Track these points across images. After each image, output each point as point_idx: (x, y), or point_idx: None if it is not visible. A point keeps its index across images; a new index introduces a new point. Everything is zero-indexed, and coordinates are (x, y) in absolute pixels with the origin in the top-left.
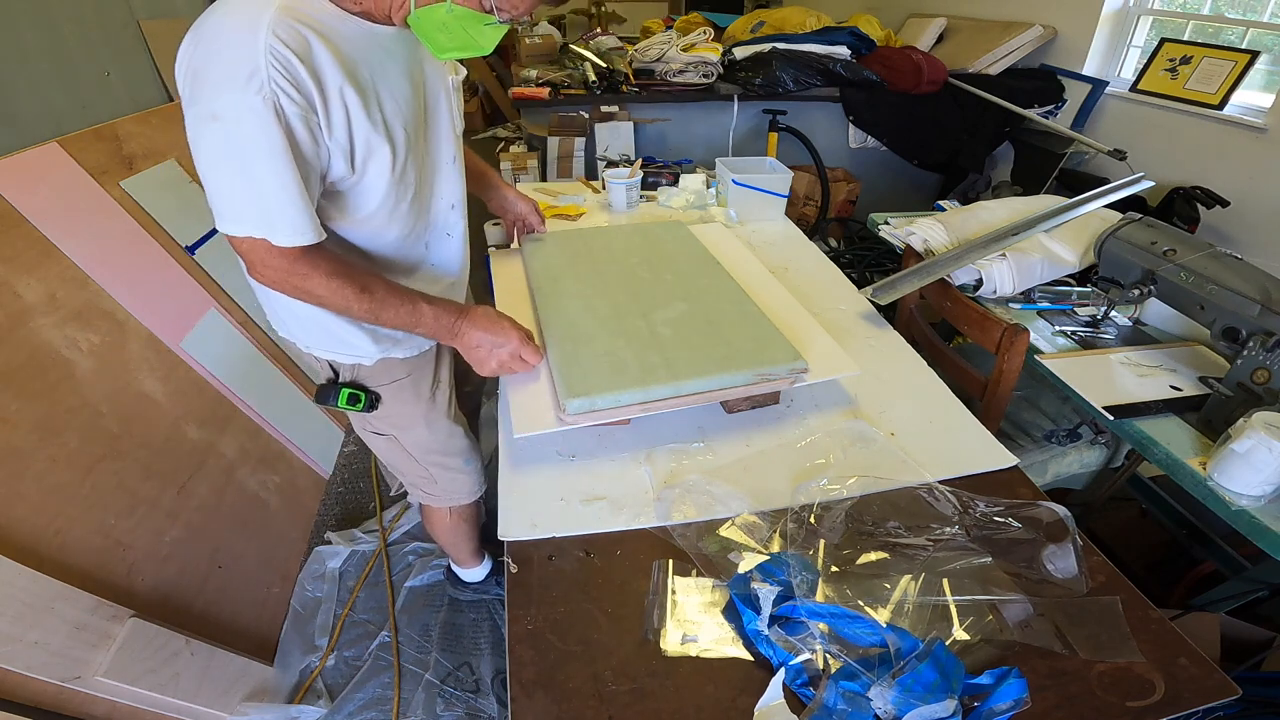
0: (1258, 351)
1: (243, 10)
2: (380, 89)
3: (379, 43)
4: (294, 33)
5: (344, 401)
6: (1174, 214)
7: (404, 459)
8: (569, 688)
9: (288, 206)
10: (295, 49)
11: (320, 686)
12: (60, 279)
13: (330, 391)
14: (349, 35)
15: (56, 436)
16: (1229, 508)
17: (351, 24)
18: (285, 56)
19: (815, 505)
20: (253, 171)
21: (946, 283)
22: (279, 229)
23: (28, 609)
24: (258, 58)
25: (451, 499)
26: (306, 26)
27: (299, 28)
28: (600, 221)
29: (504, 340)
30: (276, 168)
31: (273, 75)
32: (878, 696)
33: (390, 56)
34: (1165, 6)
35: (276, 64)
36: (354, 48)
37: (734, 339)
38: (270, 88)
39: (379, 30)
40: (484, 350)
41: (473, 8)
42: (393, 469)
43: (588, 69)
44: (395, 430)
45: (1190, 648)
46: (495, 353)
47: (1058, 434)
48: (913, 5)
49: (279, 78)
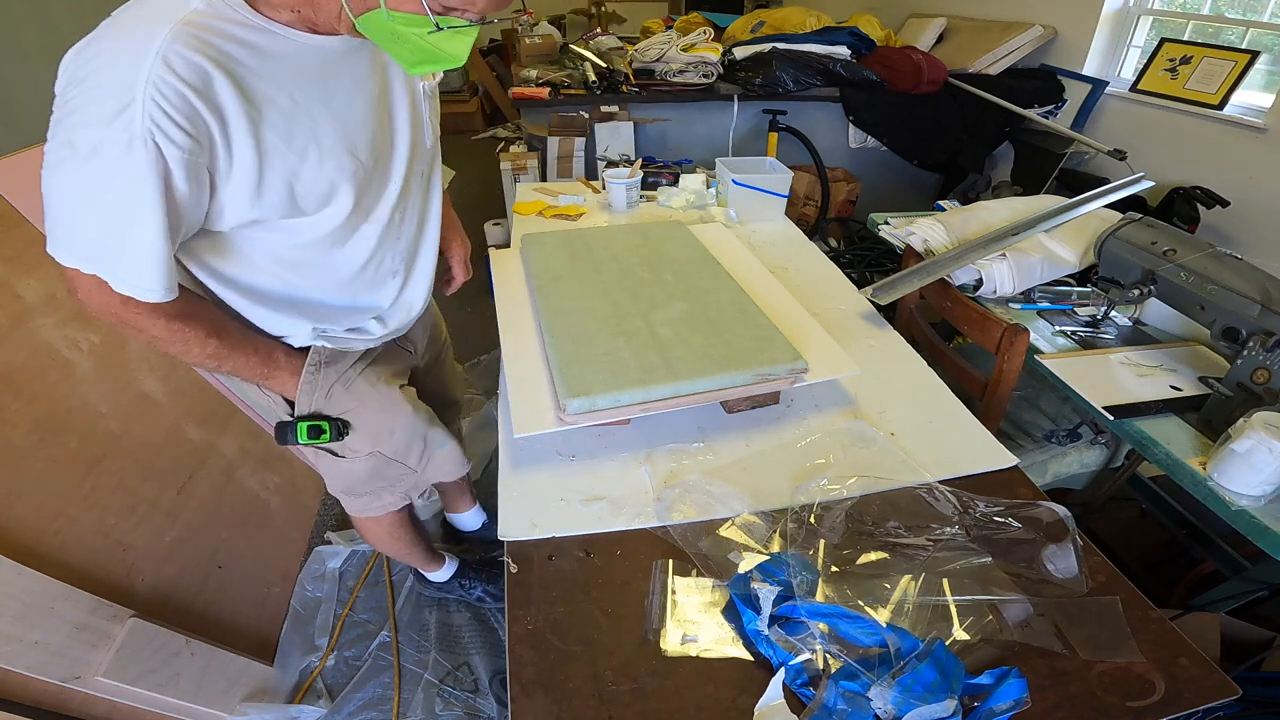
0: (1258, 351)
1: (134, 25)
2: (317, 113)
3: (321, 57)
4: (191, 60)
5: (304, 436)
6: (1174, 214)
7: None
8: (569, 688)
9: (140, 257)
10: (190, 79)
11: (320, 686)
12: (60, 279)
13: (289, 428)
14: (275, 53)
15: (56, 436)
16: (1229, 508)
17: (280, 39)
18: (174, 89)
19: (815, 505)
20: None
21: (946, 283)
22: (120, 277)
23: (28, 609)
24: (134, 89)
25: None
26: (214, 48)
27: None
28: (600, 221)
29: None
30: (135, 216)
31: (150, 111)
32: (878, 696)
33: (336, 73)
34: (1165, 6)
35: (160, 98)
36: (280, 67)
37: (734, 339)
38: (145, 124)
39: (323, 44)
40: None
41: (413, 11)
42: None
43: (588, 69)
44: (375, 446)
45: (1190, 648)
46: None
47: (1058, 434)
48: (913, 5)
49: (159, 114)
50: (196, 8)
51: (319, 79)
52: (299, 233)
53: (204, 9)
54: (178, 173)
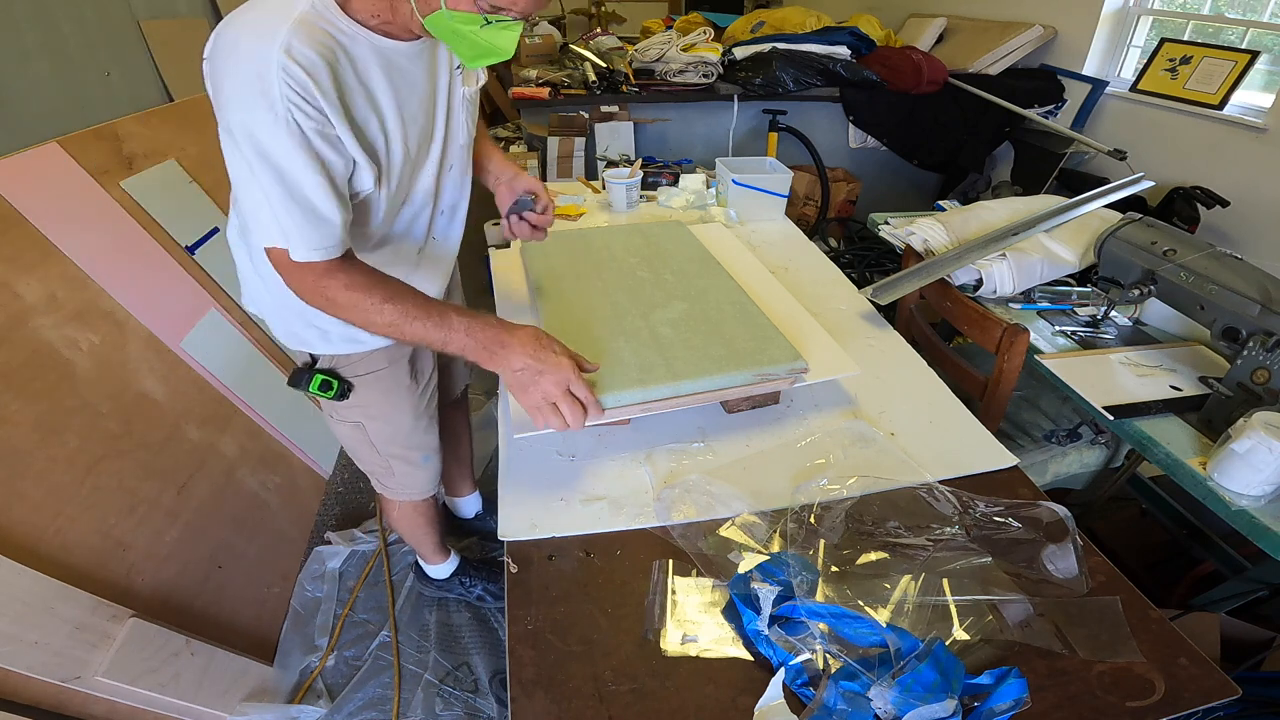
0: (1258, 351)
1: (259, 23)
2: (385, 107)
3: (391, 60)
4: (308, 51)
5: (316, 387)
6: (1174, 214)
7: (366, 448)
8: (569, 688)
9: (300, 221)
10: (307, 67)
11: (320, 686)
12: (60, 279)
13: (304, 376)
14: (362, 52)
15: (56, 436)
16: (1229, 508)
17: (365, 40)
18: (297, 75)
19: (815, 505)
20: (266, 187)
21: (946, 283)
22: (294, 243)
23: (28, 609)
24: (270, 75)
25: (405, 493)
26: (322, 44)
27: (315, 45)
28: (600, 221)
29: (551, 368)
30: (289, 183)
31: (285, 93)
32: (878, 696)
33: (403, 75)
34: (1165, 6)
35: (290, 82)
36: (366, 65)
37: (734, 339)
38: (284, 104)
39: (395, 46)
40: (526, 376)
41: (466, 9)
42: (353, 456)
43: (588, 69)
44: (363, 419)
45: (1190, 648)
46: (539, 381)
47: (1058, 434)
48: (913, 5)
49: (292, 94)
50: (304, 10)
51: (391, 79)
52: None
53: (309, 11)
54: (316, 140)
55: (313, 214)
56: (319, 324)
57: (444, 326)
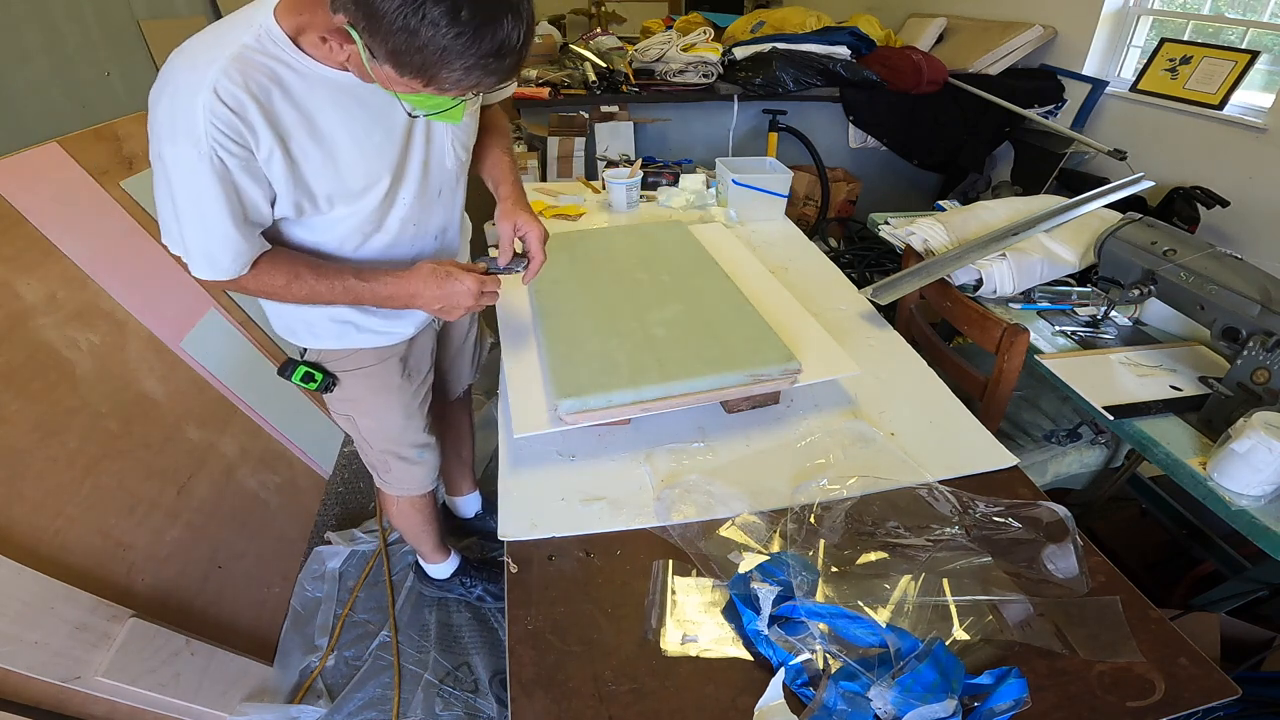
0: (1258, 351)
1: (196, 56)
2: (337, 139)
3: (349, 91)
4: (235, 90)
5: (299, 379)
6: (1174, 214)
7: (361, 443)
8: (569, 688)
9: (209, 246)
10: (234, 106)
11: (320, 686)
12: (60, 279)
13: (290, 367)
14: (309, 85)
15: (56, 436)
16: (1229, 508)
17: (316, 74)
18: (223, 115)
19: (815, 505)
20: (180, 210)
21: (946, 283)
22: (195, 262)
23: (28, 609)
24: (195, 114)
25: (403, 488)
26: (255, 80)
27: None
28: (600, 221)
29: (457, 286)
30: (201, 213)
31: (210, 131)
32: (877, 696)
33: (363, 106)
34: (1165, 6)
35: (215, 121)
36: (311, 97)
37: (728, 339)
38: (208, 142)
39: (354, 80)
40: (445, 303)
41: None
42: (358, 449)
43: (588, 69)
44: (354, 414)
45: (1190, 648)
46: (457, 301)
47: (1058, 434)
48: (913, 5)
49: (217, 132)
50: (246, 43)
51: (342, 108)
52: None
53: (252, 43)
54: (238, 174)
55: (220, 242)
56: (305, 317)
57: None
